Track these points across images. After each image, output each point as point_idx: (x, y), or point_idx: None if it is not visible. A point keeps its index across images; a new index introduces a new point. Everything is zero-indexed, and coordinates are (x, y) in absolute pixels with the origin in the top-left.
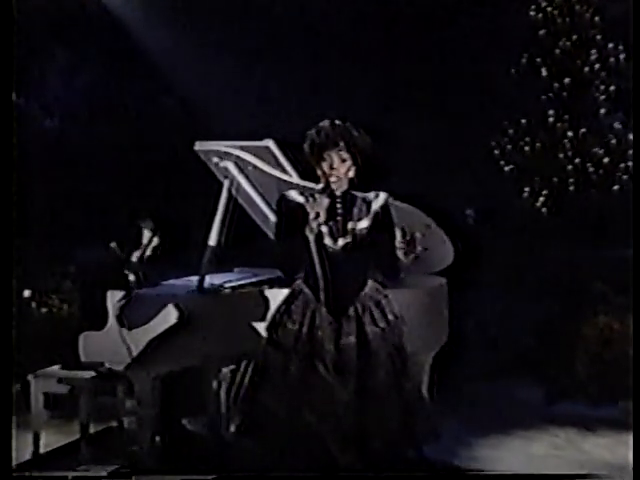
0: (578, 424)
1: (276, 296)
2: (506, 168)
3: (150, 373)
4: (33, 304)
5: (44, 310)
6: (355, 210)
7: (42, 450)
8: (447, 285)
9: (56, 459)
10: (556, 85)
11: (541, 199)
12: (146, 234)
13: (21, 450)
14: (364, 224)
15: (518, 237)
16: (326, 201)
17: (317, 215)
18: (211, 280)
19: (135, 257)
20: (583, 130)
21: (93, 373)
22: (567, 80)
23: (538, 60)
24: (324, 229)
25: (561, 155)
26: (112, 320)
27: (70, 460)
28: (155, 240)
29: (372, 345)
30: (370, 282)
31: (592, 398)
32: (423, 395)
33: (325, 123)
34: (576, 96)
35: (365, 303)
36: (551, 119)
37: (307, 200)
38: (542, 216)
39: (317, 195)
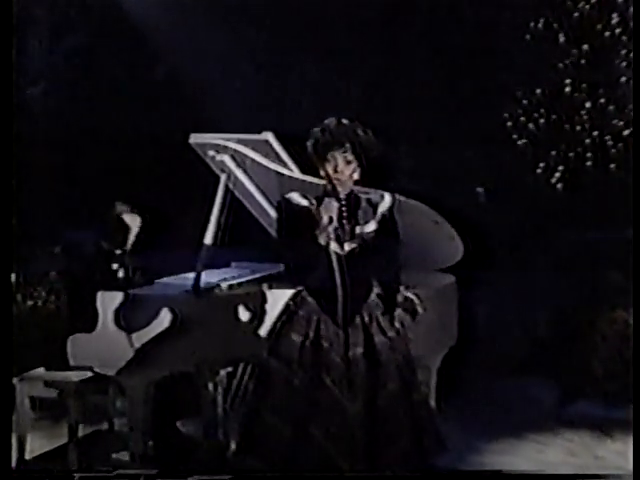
0: (593, 426)
1: (276, 296)
2: (519, 142)
3: (143, 379)
4: (18, 297)
5: (30, 303)
6: (360, 212)
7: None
8: (456, 283)
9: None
10: (574, 52)
11: (557, 175)
12: (126, 220)
13: None
14: (371, 227)
15: (531, 217)
16: (335, 205)
17: (330, 220)
18: (208, 277)
19: (121, 248)
20: (602, 100)
21: (82, 376)
22: (586, 46)
23: (555, 25)
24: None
25: (578, 128)
26: (104, 322)
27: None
28: (137, 223)
29: (380, 356)
30: (375, 289)
31: (609, 398)
32: (431, 407)
33: (331, 121)
34: (595, 64)
35: (372, 311)
36: (568, 89)
37: (311, 203)
38: (558, 193)
39: (326, 199)
